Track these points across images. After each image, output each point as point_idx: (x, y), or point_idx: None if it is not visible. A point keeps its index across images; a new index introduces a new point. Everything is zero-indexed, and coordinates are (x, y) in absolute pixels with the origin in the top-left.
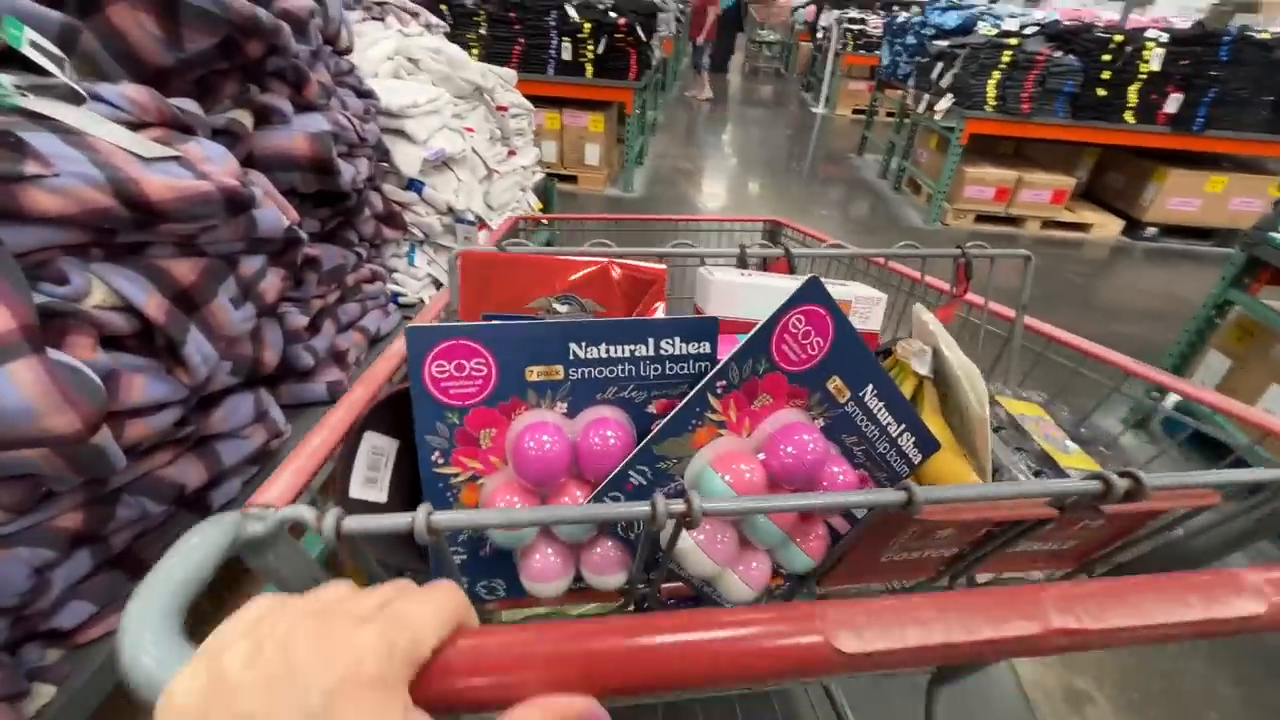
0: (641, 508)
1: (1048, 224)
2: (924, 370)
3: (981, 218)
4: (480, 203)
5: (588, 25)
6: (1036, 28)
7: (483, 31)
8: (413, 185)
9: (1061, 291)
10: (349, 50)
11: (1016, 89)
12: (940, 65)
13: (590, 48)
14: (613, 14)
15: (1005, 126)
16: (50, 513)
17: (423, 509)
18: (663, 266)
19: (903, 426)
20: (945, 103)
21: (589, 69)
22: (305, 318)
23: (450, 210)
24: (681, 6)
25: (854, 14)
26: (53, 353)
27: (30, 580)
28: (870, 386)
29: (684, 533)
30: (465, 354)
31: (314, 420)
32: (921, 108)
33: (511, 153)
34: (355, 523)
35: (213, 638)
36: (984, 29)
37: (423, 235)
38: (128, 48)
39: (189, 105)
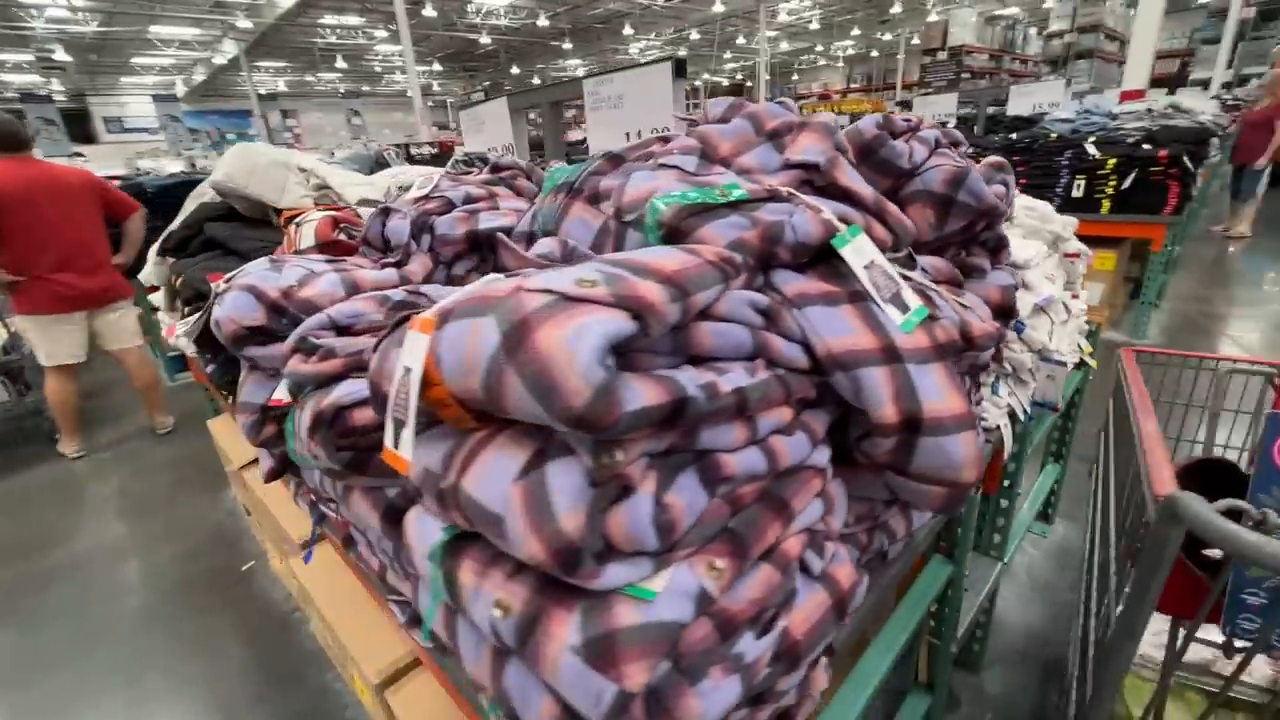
0: None
1: None
2: None
3: None
4: (1068, 344)
5: (1111, 161)
6: None
7: None
8: (1016, 325)
9: None
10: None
11: None
12: None
13: (1111, 183)
14: (1146, 145)
15: None
16: (857, 529)
17: None
18: None
19: None
20: None
21: (1105, 205)
22: None
23: (1042, 350)
24: (1221, 126)
25: None
26: None
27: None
28: None
29: None
30: None
31: None
32: None
33: (1074, 296)
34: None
35: None
36: None
37: (1011, 369)
38: (914, 230)
39: (942, 265)
